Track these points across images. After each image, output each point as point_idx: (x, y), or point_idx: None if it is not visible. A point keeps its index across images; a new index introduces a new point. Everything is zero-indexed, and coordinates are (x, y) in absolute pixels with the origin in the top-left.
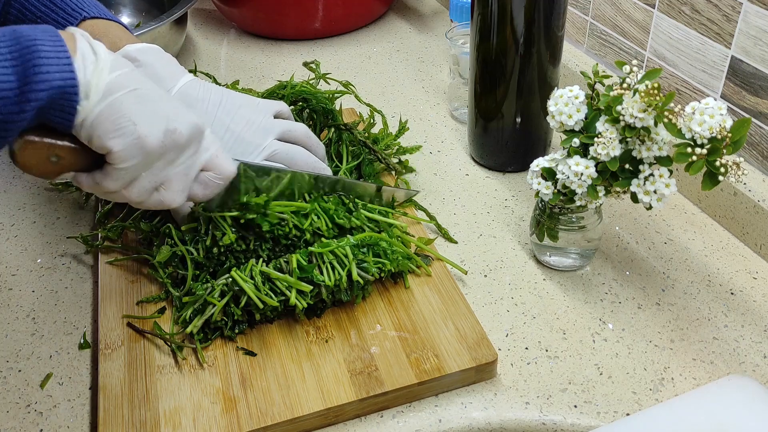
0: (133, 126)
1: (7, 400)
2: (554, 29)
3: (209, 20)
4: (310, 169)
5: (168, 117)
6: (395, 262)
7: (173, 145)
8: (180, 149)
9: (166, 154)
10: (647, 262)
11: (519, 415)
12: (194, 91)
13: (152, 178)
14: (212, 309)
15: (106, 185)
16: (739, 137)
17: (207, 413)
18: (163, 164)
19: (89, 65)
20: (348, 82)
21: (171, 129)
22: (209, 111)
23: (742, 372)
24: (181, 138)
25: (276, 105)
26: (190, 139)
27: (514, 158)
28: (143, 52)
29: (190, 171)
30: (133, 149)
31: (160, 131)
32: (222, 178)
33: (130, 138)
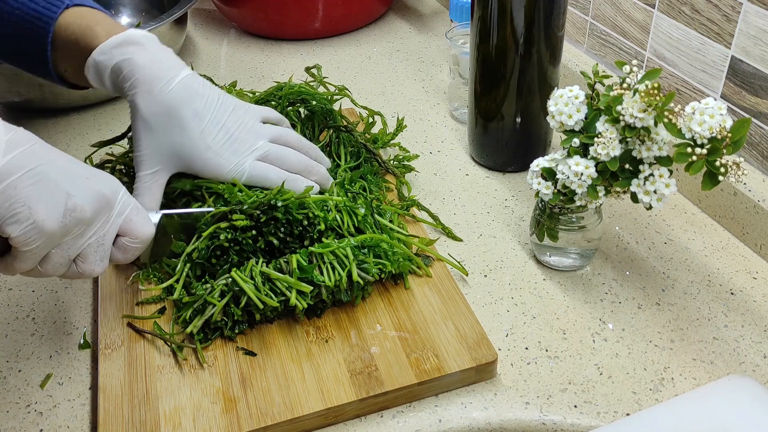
0: (29, 210)
1: (7, 400)
2: (554, 29)
3: (209, 20)
4: (302, 169)
5: (68, 194)
6: (396, 263)
7: (76, 221)
8: (86, 223)
9: (71, 231)
10: (647, 262)
11: (519, 415)
12: (195, 85)
13: (63, 253)
14: (212, 309)
15: (17, 267)
16: (739, 137)
17: (207, 413)
18: (73, 239)
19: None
20: (344, 86)
21: (71, 207)
22: (208, 106)
23: (742, 372)
24: (84, 214)
25: (264, 110)
26: (97, 211)
27: (514, 158)
28: (146, 37)
29: (105, 240)
30: (31, 233)
31: (58, 212)
32: (138, 242)
33: (26, 223)
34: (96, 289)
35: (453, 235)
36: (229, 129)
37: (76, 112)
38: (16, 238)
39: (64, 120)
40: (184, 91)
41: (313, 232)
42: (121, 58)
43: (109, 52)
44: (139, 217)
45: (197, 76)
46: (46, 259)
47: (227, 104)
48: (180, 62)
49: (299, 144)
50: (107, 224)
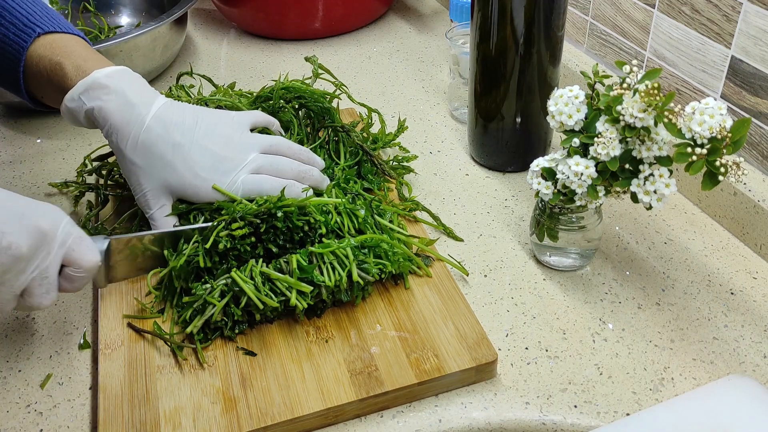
0: None
1: (7, 400)
2: (554, 29)
3: (209, 20)
4: (296, 175)
5: (2, 232)
6: (396, 263)
7: (12, 259)
8: (25, 259)
9: (10, 269)
10: (647, 262)
11: (519, 415)
12: (169, 115)
13: (7, 290)
14: (212, 309)
15: None
16: (739, 137)
17: (207, 413)
18: (14, 276)
19: None
20: (341, 82)
21: (5, 246)
22: (186, 134)
23: (742, 372)
24: (20, 251)
25: (251, 116)
26: (34, 247)
27: (514, 158)
28: (112, 78)
29: (48, 273)
30: None
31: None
32: (84, 271)
33: None
34: (96, 289)
35: (453, 235)
36: (215, 150)
37: None
38: None
39: (64, 120)
40: (159, 126)
41: (314, 236)
42: (90, 105)
43: (78, 98)
44: (82, 246)
45: (171, 105)
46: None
47: (208, 123)
48: (150, 94)
49: (290, 150)
50: (48, 257)
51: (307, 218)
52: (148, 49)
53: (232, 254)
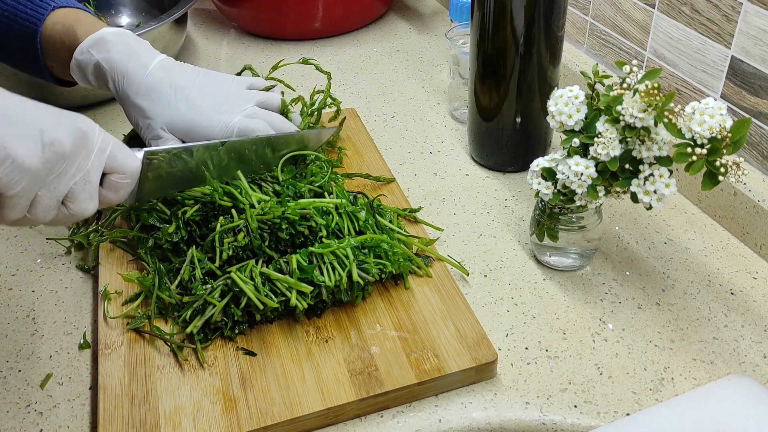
0: (5, 151)
1: (7, 400)
2: (554, 29)
3: (209, 20)
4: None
5: (42, 130)
6: (396, 263)
7: (57, 157)
8: (67, 158)
9: (53, 168)
10: (647, 262)
11: (519, 415)
12: (171, 64)
13: (51, 194)
14: (212, 309)
15: (8, 215)
16: (739, 137)
17: (207, 413)
18: (57, 178)
19: None
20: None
21: (48, 141)
22: (188, 79)
23: (742, 372)
24: (64, 147)
25: (252, 79)
26: (75, 144)
27: (514, 158)
28: (119, 34)
29: (91, 177)
30: (13, 173)
31: (36, 146)
32: (128, 176)
33: (6, 163)
34: (96, 289)
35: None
36: (216, 96)
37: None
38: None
39: None
40: (161, 71)
41: (315, 239)
42: (99, 56)
43: (87, 51)
44: (123, 152)
45: (173, 60)
46: (34, 203)
47: (209, 77)
48: (154, 51)
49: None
50: (89, 159)
51: (309, 223)
52: None
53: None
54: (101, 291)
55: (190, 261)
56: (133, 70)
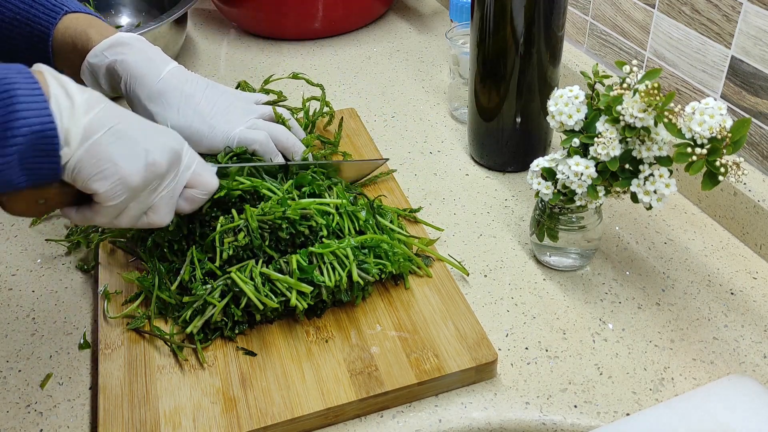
0: (115, 167)
1: (7, 400)
2: (554, 29)
3: (209, 20)
4: (290, 145)
5: (147, 150)
6: (396, 263)
7: (155, 176)
8: (162, 177)
9: (149, 185)
10: (647, 262)
11: (519, 415)
12: (183, 73)
13: (139, 206)
14: (212, 309)
15: (96, 220)
16: (739, 137)
17: (207, 413)
18: (148, 193)
19: (65, 110)
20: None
21: (151, 162)
22: (197, 88)
23: (742, 372)
24: (161, 168)
25: (258, 96)
26: (170, 166)
27: (514, 158)
28: (134, 38)
29: (175, 192)
30: (117, 188)
31: (141, 167)
32: (206, 192)
33: (113, 179)
34: (96, 289)
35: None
36: (221, 107)
37: None
38: (103, 193)
39: None
40: (174, 78)
41: (315, 239)
42: (113, 59)
43: (101, 54)
44: (206, 170)
45: (184, 69)
46: (123, 212)
47: (216, 88)
48: (167, 57)
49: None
50: (177, 177)
51: (310, 223)
52: None
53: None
54: (101, 291)
55: (190, 261)
56: (146, 74)
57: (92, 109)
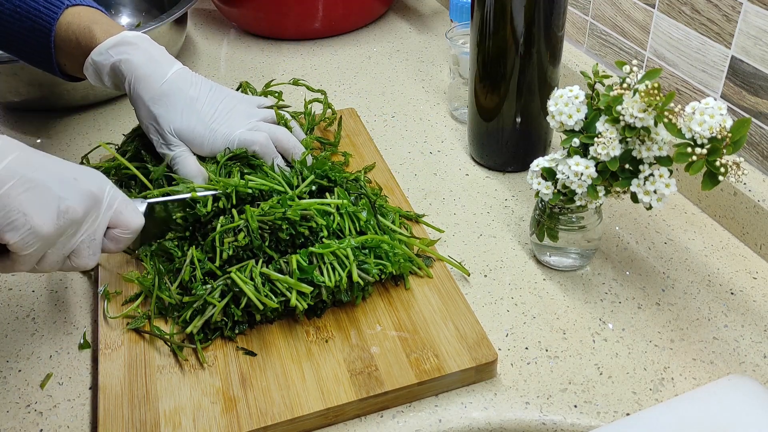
0: (24, 217)
1: (7, 400)
2: (554, 29)
3: (209, 20)
4: (290, 147)
5: (59, 197)
6: (396, 264)
7: (70, 223)
8: (78, 223)
9: (65, 232)
10: (647, 262)
11: (519, 415)
12: (188, 75)
13: (59, 252)
14: (212, 309)
15: (17, 268)
16: (739, 137)
17: (207, 413)
18: (66, 239)
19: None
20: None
21: (64, 209)
22: (201, 92)
23: (742, 372)
24: (77, 214)
25: (260, 99)
26: (87, 210)
27: (514, 158)
28: (139, 38)
29: (96, 235)
30: (28, 239)
31: (53, 215)
32: (130, 232)
33: (23, 229)
34: (96, 289)
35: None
36: (223, 111)
37: (77, 112)
38: (14, 244)
39: (64, 120)
40: (179, 80)
41: (316, 240)
42: (118, 58)
43: (105, 52)
44: (128, 209)
45: (188, 70)
46: (42, 259)
47: (220, 91)
48: (172, 58)
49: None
50: (97, 220)
51: (310, 223)
52: None
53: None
54: (101, 291)
55: (190, 261)
56: (151, 76)
57: (5, 158)
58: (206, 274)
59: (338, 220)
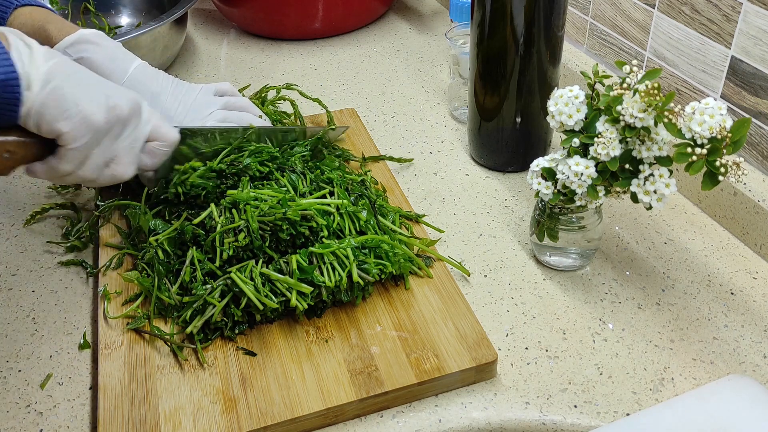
0: (77, 107)
1: (7, 400)
2: (554, 29)
3: (209, 20)
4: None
5: (107, 95)
6: (396, 264)
7: (116, 119)
8: (123, 123)
9: (111, 129)
10: (647, 262)
11: (519, 415)
12: (148, 70)
13: (102, 154)
14: (212, 309)
15: (61, 168)
16: (739, 137)
17: (207, 413)
18: (110, 140)
19: (25, 57)
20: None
21: (112, 105)
22: (163, 86)
23: (742, 372)
24: (123, 112)
25: (216, 84)
26: (131, 112)
27: (514, 158)
28: (97, 35)
29: (136, 143)
30: (81, 128)
31: (102, 108)
32: (167, 144)
33: (76, 118)
34: (96, 289)
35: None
36: (186, 102)
37: None
38: (67, 133)
39: None
40: (141, 76)
41: (316, 240)
42: (77, 57)
43: (64, 51)
44: (166, 124)
45: (148, 65)
46: (86, 160)
47: (180, 84)
48: (131, 55)
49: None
50: (138, 128)
51: (310, 224)
52: (149, 49)
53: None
54: (101, 291)
55: (190, 261)
56: (113, 73)
57: (52, 58)
58: (206, 274)
59: (338, 220)
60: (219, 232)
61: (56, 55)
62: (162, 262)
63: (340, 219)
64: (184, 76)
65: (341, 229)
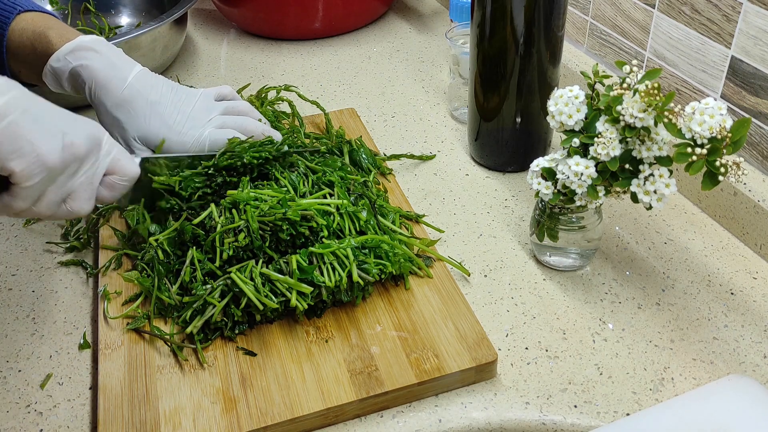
0: (31, 145)
1: (7, 400)
2: (554, 29)
3: (209, 20)
4: (259, 133)
5: (64, 131)
6: (396, 264)
7: (73, 158)
8: (80, 160)
9: (68, 167)
10: (647, 262)
11: (519, 415)
12: (148, 78)
13: (58, 191)
14: (212, 309)
15: (15, 205)
16: (739, 137)
17: (207, 413)
18: (66, 177)
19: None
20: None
21: (68, 143)
22: (162, 94)
23: (742, 372)
24: (80, 150)
25: (217, 88)
26: (89, 149)
27: (514, 158)
28: (96, 43)
29: (94, 179)
30: (34, 167)
31: (58, 146)
32: (127, 179)
33: (30, 157)
34: (96, 289)
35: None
36: (185, 110)
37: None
38: (20, 172)
39: None
40: (139, 84)
41: (316, 240)
42: (76, 64)
43: (63, 59)
44: (126, 157)
45: (148, 72)
46: (41, 198)
47: (180, 91)
48: (131, 61)
49: (252, 113)
50: (96, 162)
51: (310, 223)
52: (148, 49)
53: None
54: (101, 291)
55: (190, 261)
56: (111, 81)
57: (9, 91)
58: (206, 274)
59: (338, 220)
60: (219, 232)
61: (14, 87)
62: (162, 262)
63: (340, 219)
64: (184, 76)
65: (341, 229)
